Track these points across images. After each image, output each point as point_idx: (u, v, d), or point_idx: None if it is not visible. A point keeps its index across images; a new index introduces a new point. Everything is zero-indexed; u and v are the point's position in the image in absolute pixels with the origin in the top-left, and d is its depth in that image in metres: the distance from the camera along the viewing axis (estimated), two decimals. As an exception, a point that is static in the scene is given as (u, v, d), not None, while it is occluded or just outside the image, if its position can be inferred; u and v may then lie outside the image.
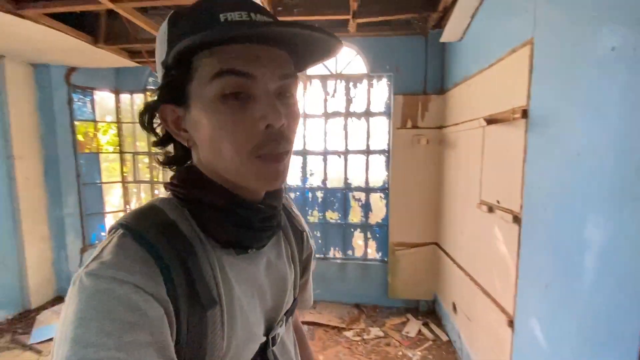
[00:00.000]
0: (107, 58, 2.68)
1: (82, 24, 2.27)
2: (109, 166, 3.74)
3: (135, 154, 3.45)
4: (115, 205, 3.72)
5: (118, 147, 3.48)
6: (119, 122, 3.43)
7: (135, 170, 3.48)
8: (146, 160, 3.49)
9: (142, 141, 3.45)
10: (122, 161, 3.49)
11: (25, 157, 2.84)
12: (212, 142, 0.38)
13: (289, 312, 0.52)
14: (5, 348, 2.34)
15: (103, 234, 3.48)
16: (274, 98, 0.38)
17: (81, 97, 3.20)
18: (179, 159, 0.46)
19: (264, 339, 0.46)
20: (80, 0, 1.79)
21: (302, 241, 0.57)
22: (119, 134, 3.46)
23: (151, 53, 2.67)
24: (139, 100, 3.44)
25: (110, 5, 1.74)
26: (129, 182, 3.50)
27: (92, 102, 3.28)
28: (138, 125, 3.40)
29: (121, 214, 3.48)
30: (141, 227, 0.36)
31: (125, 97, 3.43)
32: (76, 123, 3.13)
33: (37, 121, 2.95)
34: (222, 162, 0.39)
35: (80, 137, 3.21)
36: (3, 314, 2.70)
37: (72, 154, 3.10)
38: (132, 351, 0.30)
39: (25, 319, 2.72)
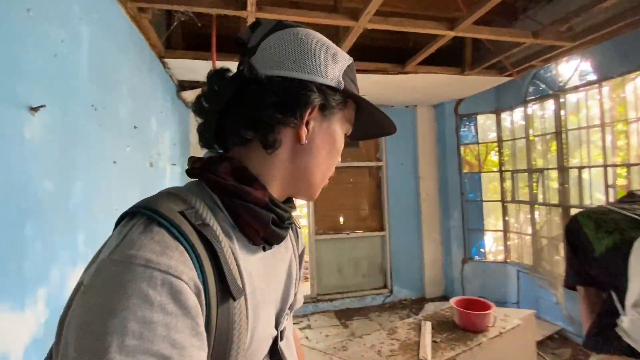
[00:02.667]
0: (479, 82, 2.84)
1: (451, 59, 2.61)
2: (492, 185, 3.85)
3: (514, 172, 3.29)
4: (494, 224, 3.74)
5: (498, 166, 3.50)
6: (499, 141, 3.46)
7: (514, 189, 3.31)
8: (525, 179, 3.20)
9: (522, 159, 3.23)
10: (502, 180, 3.46)
11: (426, 177, 3.71)
12: (325, 155, 0.46)
13: (291, 307, 0.53)
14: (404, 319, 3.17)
15: (482, 250, 3.64)
16: None
17: (466, 123, 3.63)
18: (235, 139, 0.44)
19: (275, 332, 0.47)
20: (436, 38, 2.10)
21: (297, 236, 0.59)
22: (500, 152, 3.48)
23: (514, 64, 2.48)
24: (518, 115, 3.26)
25: (452, 34, 1.90)
26: (508, 201, 3.39)
27: (475, 125, 3.60)
28: (518, 143, 3.07)
29: (500, 234, 3.42)
30: (165, 212, 0.35)
31: (505, 115, 3.41)
32: (462, 147, 3.59)
33: (435, 149, 3.74)
34: (320, 169, 0.47)
35: (467, 158, 3.64)
36: (409, 294, 3.67)
37: (458, 174, 3.57)
38: (178, 345, 0.30)
39: (419, 303, 3.51)
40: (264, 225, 0.41)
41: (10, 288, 0.79)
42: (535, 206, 3.07)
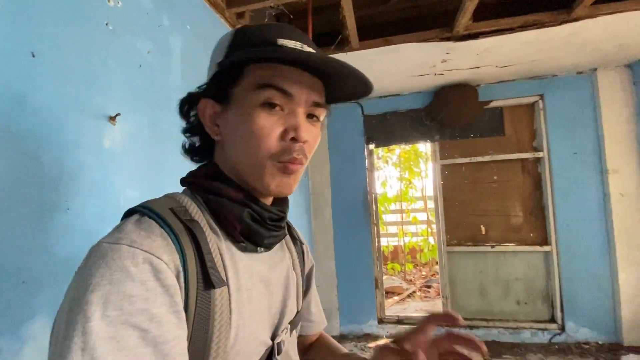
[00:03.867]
0: None
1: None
2: None
3: None
4: None
5: None
6: None
7: None
8: None
9: None
10: None
11: (620, 170, 2.54)
12: (241, 140, 0.43)
13: (293, 324, 0.53)
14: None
15: None
16: (304, 117, 0.44)
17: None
18: (202, 151, 0.50)
19: (270, 343, 0.47)
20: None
21: (302, 253, 0.61)
22: None
23: None
24: None
25: None
26: None
27: None
28: None
29: None
30: (155, 208, 0.39)
31: None
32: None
33: (633, 127, 2.53)
34: (245, 159, 0.44)
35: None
36: (593, 336, 2.59)
37: (685, 164, 2.29)
38: (156, 319, 0.32)
39: (612, 352, 2.41)
40: (238, 219, 0.43)
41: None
42: None
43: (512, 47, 2.08)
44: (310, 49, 0.43)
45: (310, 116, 0.45)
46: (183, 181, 0.48)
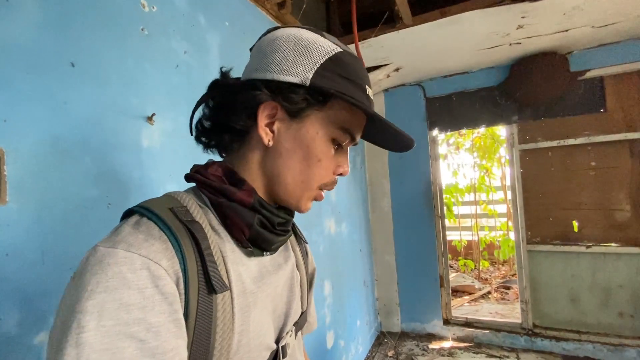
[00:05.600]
0: None
1: None
2: None
3: None
4: None
5: None
6: None
7: None
8: None
9: None
10: None
11: None
12: (300, 161, 0.44)
13: (298, 325, 0.52)
14: None
15: None
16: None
17: None
18: (220, 143, 0.49)
19: (275, 346, 0.46)
20: None
21: (306, 253, 0.60)
22: None
23: None
24: None
25: None
26: None
27: None
28: None
29: None
30: (155, 208, 0.38)
31: None
32: None
33: None
34: (293, 178, 0.44)
35: None
36: None
37: None
38: (153, 329, 0.31)
39: None
40: (248, 225, 0.42)
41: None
42: None
43: (611, 1, 1.65)
44: (370, 90, 0.47)
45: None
46: (189, 177, 0.46)
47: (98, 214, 0.81)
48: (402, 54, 2.20)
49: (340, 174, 0.48)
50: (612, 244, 2.30)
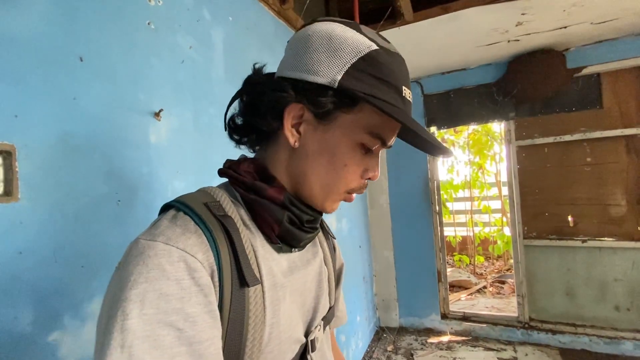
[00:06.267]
0: None
1: None
2: None
3: None
4: None
5: None
6: None
7: None
8: None
9: None
10: None
11: None
12: (326, 165, 0.43)
13: (326, 320, 0.53)
14: None
15: None
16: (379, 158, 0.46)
17: None
18: (252, 139, 0.49)
19: (304, 340, 0.47)
20: None
21: (333, 249, 0.60)
22: None
23: None
24: None
25: None
26: None
27: None
28: None
29: None
30: (190, 203, 0.39)
31: None
32: None
33: None
34: (319, 181, 0.44)
35: None
36: None
37: None
38: (190, 319, 0.32)
39: None
40: (278, 222, 0.43)
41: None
42: None
43: (613, -4, 1.67)
44: (410, 92, 0.45)
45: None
46: (222, 173, 0.47)
47: (108, 211, 0.80)
48: (402, 51, 2.19)
49: (369, 179, 0.46)
50: (608, 239, 2.35)
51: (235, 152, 0.55)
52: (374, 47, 0.41)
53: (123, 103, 0.85)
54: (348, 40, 0.40)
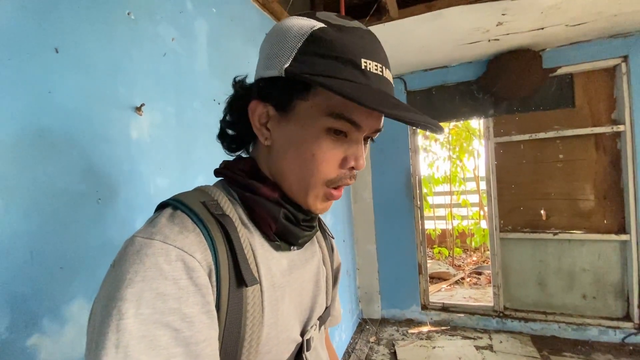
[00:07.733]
0: None
1: None
2: None
3: None
4: None
5: None
6: None
7: None
8: None
9: None
10: None
11: None
12: (298, 158, 0.41)
13: (322, 319, 0.52)
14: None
15: None
16: (362, 144, 0.42)
17: None
18: (238, 143, 0.49)
19: (300, 339, 0.47)
20: None
21: (331, 249, 0.60)
22: None
23: None
24: None
25: None
26: None
27: None
28: None
29: None
30: (188, 201, 0.39)
31: None
32: None
33: None
34: (296, 176, 0.43)
35: None
36: (682, 338, 2.23)
37: None
38: (187, 319, 0.32)
39: None
40: (274, 219, 0.43)
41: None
42: None
43: (588, 0, 1.74)
44: (388, 72, 0.41)
45: (366, 139, 0.44)
46: (218, 172, 0.47)
47: (88, 210, 0.77)
48: (387, 47, 2.18)
49: (353, 168, 0.42)
50: (577, 231, 2.49)
51: (220, 147, 0.55)
52: (319, 26, 0.38)
53: (102, 97, 0.81)
54: (294, 27, 0.39)
